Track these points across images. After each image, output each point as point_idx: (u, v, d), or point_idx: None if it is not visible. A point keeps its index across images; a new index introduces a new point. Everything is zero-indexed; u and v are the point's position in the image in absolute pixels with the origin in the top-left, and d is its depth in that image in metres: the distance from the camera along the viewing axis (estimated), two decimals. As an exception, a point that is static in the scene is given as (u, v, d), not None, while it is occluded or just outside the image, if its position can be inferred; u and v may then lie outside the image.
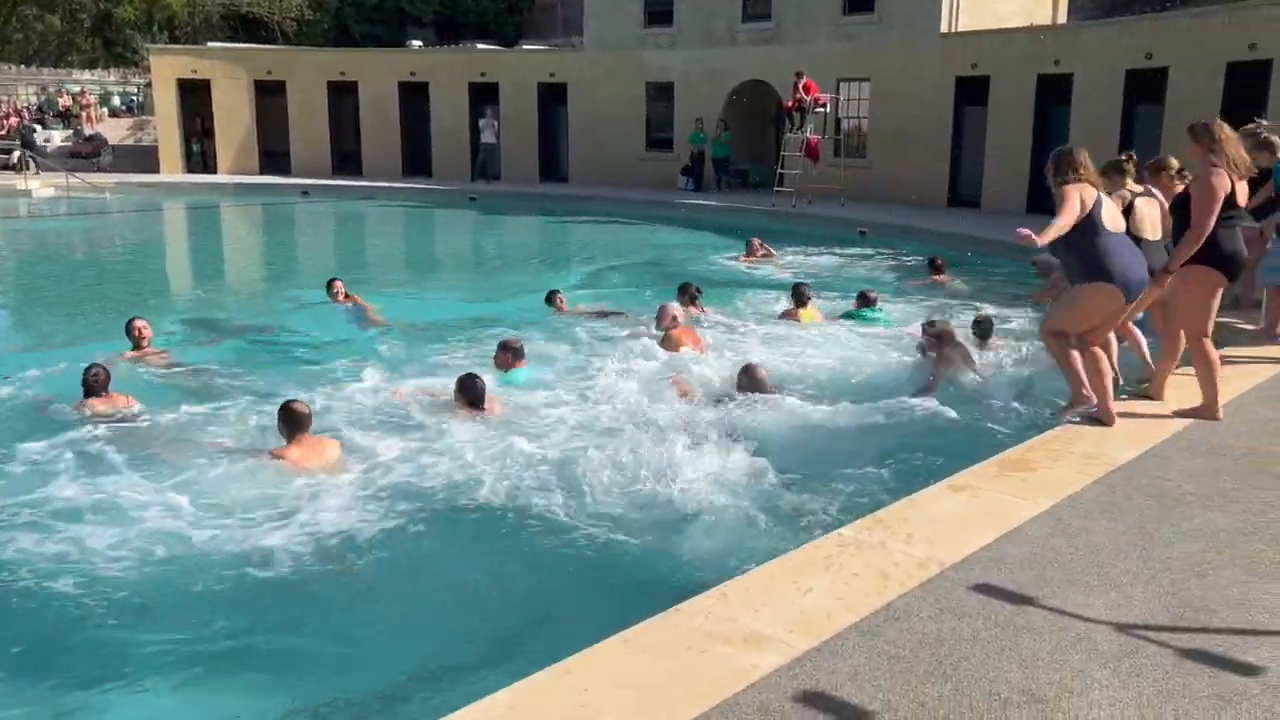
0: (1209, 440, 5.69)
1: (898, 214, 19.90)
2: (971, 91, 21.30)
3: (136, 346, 8.59)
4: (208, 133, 29.08)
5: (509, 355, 8.00)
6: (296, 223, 23.68)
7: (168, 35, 38.12)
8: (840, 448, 6.24)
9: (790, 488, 5.72)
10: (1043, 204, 20.14)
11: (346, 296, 11.25)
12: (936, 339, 7.95)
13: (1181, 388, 6.78)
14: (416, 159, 28.51)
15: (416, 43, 32.58)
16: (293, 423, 6.11)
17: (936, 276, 12.81)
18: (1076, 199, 5.67)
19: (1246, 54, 16.50)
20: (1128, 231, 6.05)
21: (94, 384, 7.08)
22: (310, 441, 6.14)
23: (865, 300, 10.49)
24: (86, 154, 30.22)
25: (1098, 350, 6.02)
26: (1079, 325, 6.02)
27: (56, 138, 31.78)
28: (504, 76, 27.60)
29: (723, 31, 24.96)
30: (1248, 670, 3.30)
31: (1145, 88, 18.34)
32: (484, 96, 27.58)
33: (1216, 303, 6.24)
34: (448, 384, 7.33)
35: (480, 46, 31.97)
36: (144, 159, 29.78)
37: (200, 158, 29.28)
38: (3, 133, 31.19)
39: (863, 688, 3.18)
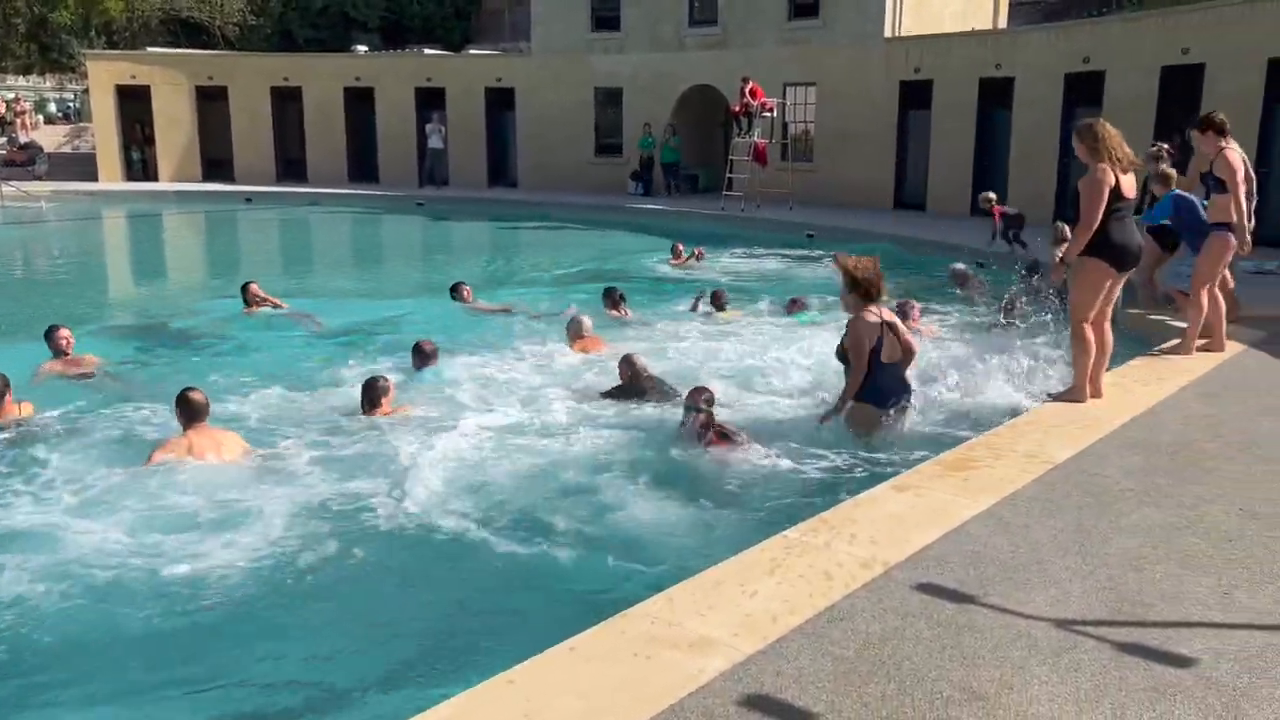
0: (1145, 438, 5.80)
1: (845, 217, 20.08)
2: (915, 95, 21.59)
3: (59, 355, 8.44)
4: (148, 140, 28.59)
5: (421, 358, 8.25)
6: (237, 230, 23.36)
7: (105, 40, 37.40)
8: (783, 449, 6.28)
9: (737, 489, 5.74)
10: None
11: (263, 300, 11.37)
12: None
13: (1119, 385, 6.93)
14: (363, 165, 28.26)
15: (362, 48, 32.31)
16: (189, 411, 6.14)
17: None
18: (865, 343, 6.28)
19: (1179, 58, 16.90)
20: None
21: None
22: (207, 431, 6.17)
23: (796, 305, 10.94)
24: (21, 162, 29.50)
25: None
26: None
27: (-10, 146, 31.03)
28: (451, 81, 27.46)
29: (670, 36, 25.04)
30: (1181, 662, 3.36)
31: (1083, 91, 18.70)
32: (431, 101, 27.42)
33: (1105, 292, 6.45)
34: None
35: (426, 51, 31.77)
36: (82, 167, 29.20)
37: (141, 165, 28.76)
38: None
39: (806, 689, 3.19)
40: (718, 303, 10.99)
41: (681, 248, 15.37)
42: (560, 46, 26.32)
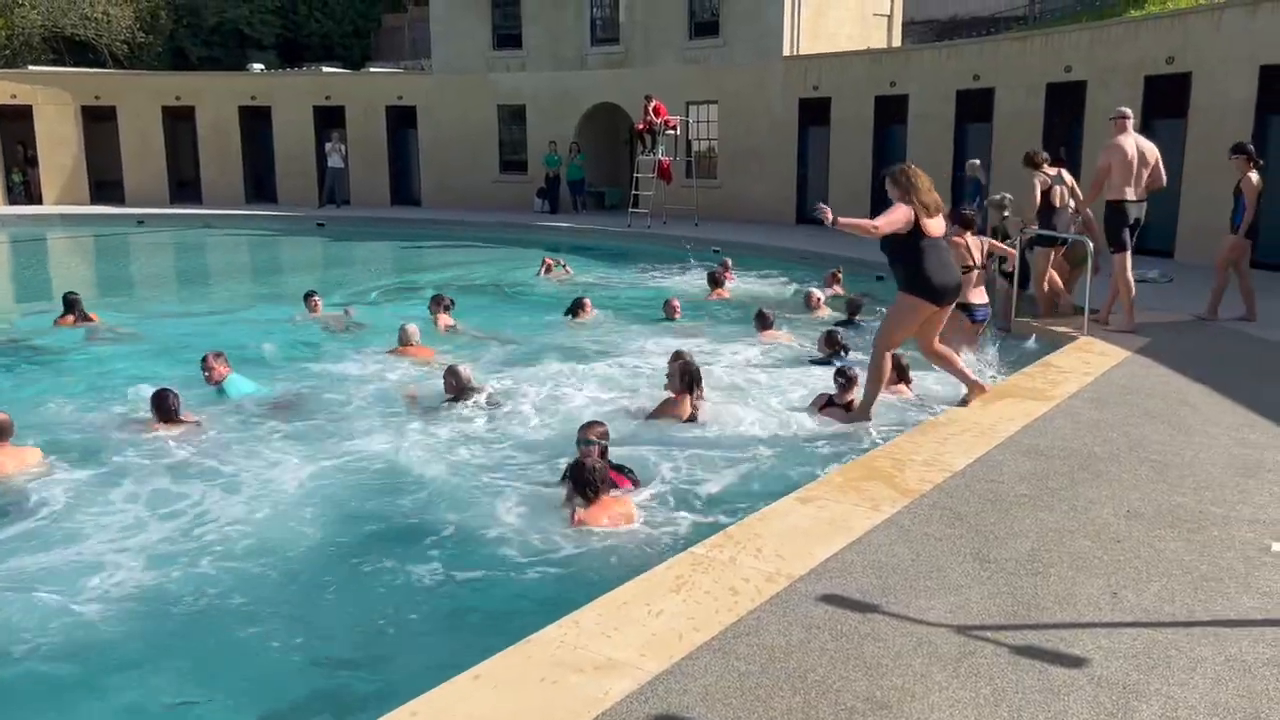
0: (1038, 443, 5.98)
1: (748, 232, 20.35)
2: (814, 112, 22.02)
3: None
4: (30, 161, 27.48)
5: (216, 366, 8.39)
6: (126, 253, 22.44)
7: (-16, 58, 35.84)
8: (676, 467, 6.31)
9: (641, 505, 5.73)
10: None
11: (86, 317, 11.61)
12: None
13: (1013, 393, 7.13)
14: (260, 185, 27.63)
15: (257, 66, 31.60)
16: None
17: (719, 290, 13.75)
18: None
19: (1063, 75, 17.58)
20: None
21: None
22: (9, 449, 6.34)
23: (669, 310, 11.86)
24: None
25: None
26: None
27: None
28: (350, 100, 27.04)
29: (572, 55, 25.10)
30: (1074, 663, 3.46)
31: (975, 107, 19.32)
32: (330, 120, 26.94)
33: (920, 324, 6.80)
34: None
35: (325, 69, 31.24)
36: (-40, 190, 27.87)
37: (23, 188, 27.63)
38: None
39: (713, 706, 3.19)
40: (575, 310, 11.79)
41: (551, 262, 16.06)
42: (462, 65, 26.16)
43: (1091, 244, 9.55)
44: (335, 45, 39.32)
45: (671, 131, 22.21)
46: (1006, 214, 11.02)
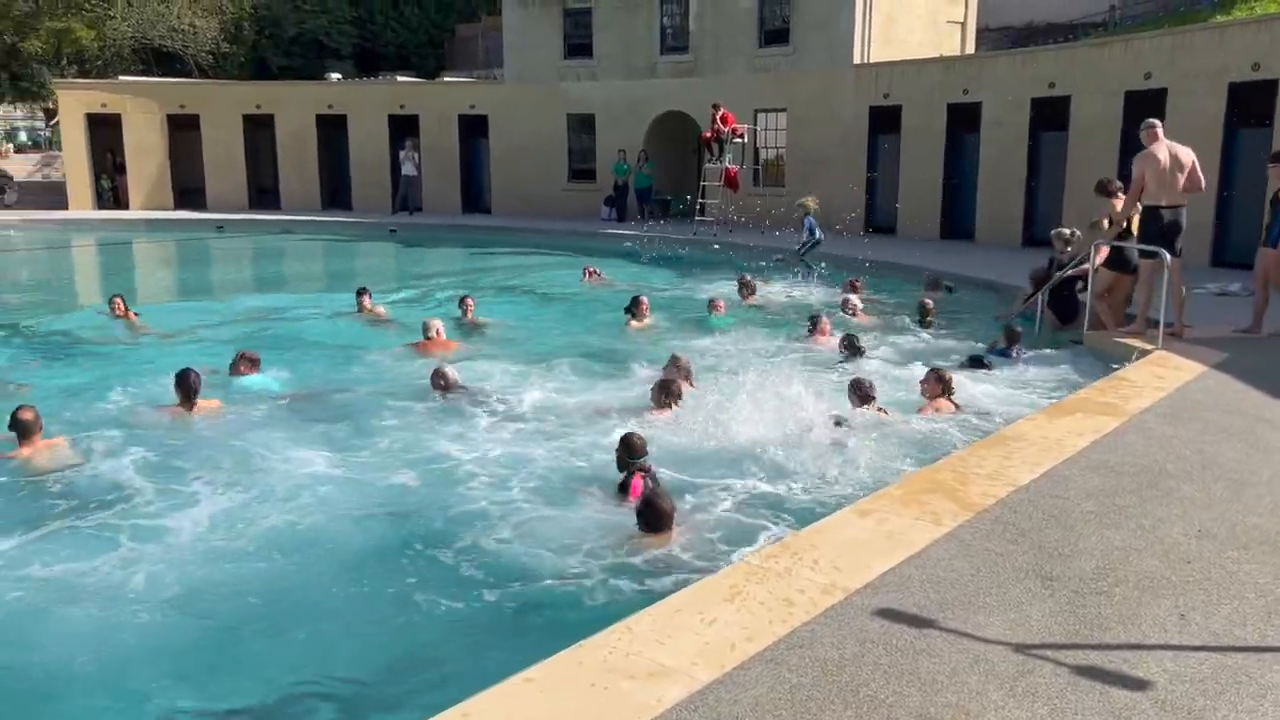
0: (1107, 459, 5.83)
1: (816, 241, 20.17)
2: (885, 120, 21.80)
3: None
4: (119, 168, 28.44)
5: (244, 364, 8.76)
6: (206, 256, 23.12)
7: (76, 69, 37.20)
8: (732, 469, 6.29)
9: (695, 513, 5.73)
10: (955, 230, 20.67)
11: (125, 312, 12.21)
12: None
13: (1082, 408, 6.97)
14: (336, 192, 28.22)
15: (335, 75, 32.33)
16: (21, 429, 6.63)
17: (750, 298, 13.77)
18: None
19: (1142, 83, 17.16)
20: None
21: None
22: (40, 444, 6.67)
23: (713, 308, 12.13)
24: (-9, 191, 29.32)
25: None
26: None
27: (-40, 175, 30.78)
28: (424, 108, 27.49)
29: (642, 64, 25.22)
30: (1137, 685, 3.37)
31: (1050, 115, 18.95)
32: (404, 128, 27.43)
33: None
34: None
35: (400, 78, 31.82)
36: (52, 196, 28.97)
37: (112, 194, 28.60)
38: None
39: (764, 718, 3.17)
40: (634, 312, 12.01)
41: (592, 270, 16.43)
42: (533, 74, 26.44)
43: (1169, 257, 9.33)
44: (410, 55, 40.03)
45: (739, 140, 22.17)
46: (1070, 248, 11.33)
